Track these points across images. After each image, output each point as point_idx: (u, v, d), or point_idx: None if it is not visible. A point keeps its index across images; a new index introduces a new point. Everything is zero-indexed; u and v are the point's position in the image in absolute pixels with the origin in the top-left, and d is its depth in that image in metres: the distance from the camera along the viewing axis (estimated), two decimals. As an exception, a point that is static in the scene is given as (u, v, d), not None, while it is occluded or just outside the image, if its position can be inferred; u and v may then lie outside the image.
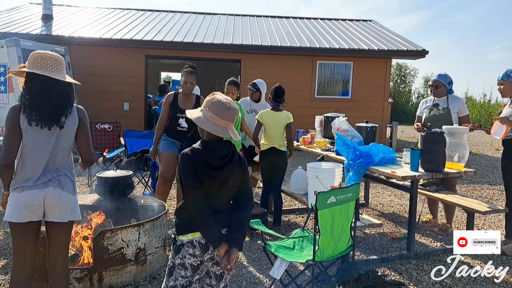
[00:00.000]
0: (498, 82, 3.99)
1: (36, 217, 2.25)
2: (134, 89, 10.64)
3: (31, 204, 2.21)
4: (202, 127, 1.99)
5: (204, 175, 1.93)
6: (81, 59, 9.93)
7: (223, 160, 1.97)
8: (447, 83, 4.45)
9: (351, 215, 2.81)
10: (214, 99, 1.99)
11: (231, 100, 2.03)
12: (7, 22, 11.23)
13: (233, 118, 2.01)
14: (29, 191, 2.21)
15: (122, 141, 6.39)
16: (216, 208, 1.98)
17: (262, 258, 3.74)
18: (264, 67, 10.62)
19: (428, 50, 11.24)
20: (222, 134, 1.96)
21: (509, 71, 3.89)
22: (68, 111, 2.28)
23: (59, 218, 2.27)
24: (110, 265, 3.04)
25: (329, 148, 4.87)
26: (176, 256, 2.01)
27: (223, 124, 1.96)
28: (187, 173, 1.94)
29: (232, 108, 1.99)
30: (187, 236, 1.98)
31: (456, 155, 3.84)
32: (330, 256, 2.74)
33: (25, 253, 2.32)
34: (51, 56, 2.26)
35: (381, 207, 5.67)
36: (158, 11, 14.60)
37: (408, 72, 26.45)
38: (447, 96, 4.47)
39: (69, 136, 2.32)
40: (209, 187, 1.95)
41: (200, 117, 1.98)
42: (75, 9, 14.02)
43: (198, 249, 1.98)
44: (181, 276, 2.00)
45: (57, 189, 2.25)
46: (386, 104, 11.50)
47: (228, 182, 2.00)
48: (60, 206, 2.26)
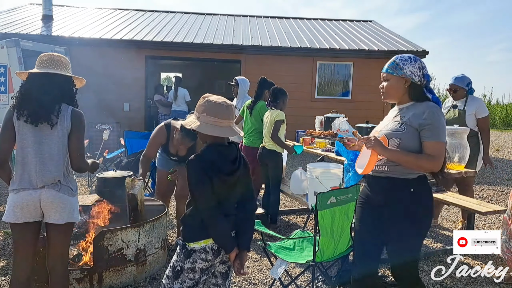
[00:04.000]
0: (382, 76, 2.36)
1: (33, 218, 2.25)
2: (134, 90, 10.63)
3: (27, 205, 2.21)
4: (208, 133, 1.92)
5: (216, 182, 1.89)
6: (81, 60, 9.92)
7: (234, 165, 1.95)
8: (465, 84, 4.38)
9: (351, 216, 2.81)
10: (209, 102, 1.93)
11: (223, 97, 2.00)
12: (7, 22, 11.24)
13: (232, 114, 1.98)
14: (24, 192, 2.21)
15: (122, 141, 6.39)
16: (225, 212, 1.95)
17: (262, 258, 3.74)
18: (264, 68, 10.61)
19: (428, 51, 11.24)
20: (229, 135, 1.93)
21: (399, 58, 2.26)
22: (56, 108, 2.23)
23: (55, 219, 2.26)
24: (110, 265, 3.04)
25: (329, 148, 4.87)
26: (186, 260, 1.96)
27: (227, 124, 1.93)
28: (199, 181, 1.88)
29: (229, 105, 1.96)
30: (199, 243, 1.93)
31: (457, 155, 3.84)
32: (330, 256, 2.74)
33: (25, 253, 2.31)
34: (47, 56, 2.31)
35: (381, 208, 5.66)
36: (158, 11, 14.60)
37: (408, 73, 26.40)
38: (467, 97, 4.41)
39: (60, 140, 2.25)
40: (220, 193, 1.91)
41: (200, 124, 1.92)
42: (75, 9, 14.02)
43: (210, 254, 1.94)
44: (189, 278, 1.97)
45: (51, 191, 2.23)
46: (386, 105, 11.50)
47: (237, 186, 1.98)
48: (56, 208, 2.25)
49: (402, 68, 2.20)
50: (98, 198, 3.83)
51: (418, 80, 2.19)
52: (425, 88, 2.22)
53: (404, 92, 2.23)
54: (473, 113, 4.32)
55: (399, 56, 2.25)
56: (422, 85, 2.21)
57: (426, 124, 2.09)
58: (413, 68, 2.18)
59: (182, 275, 1.98)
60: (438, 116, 2.11)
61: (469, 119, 4.32)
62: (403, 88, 2.22)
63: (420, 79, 2.20)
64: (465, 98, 4.40)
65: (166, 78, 22.24)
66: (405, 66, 2.20)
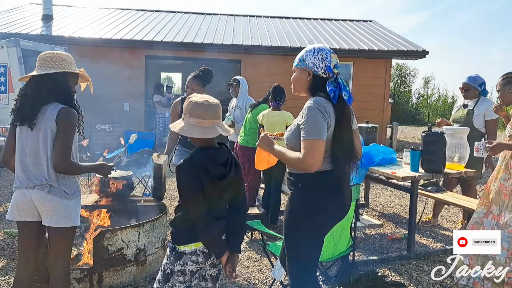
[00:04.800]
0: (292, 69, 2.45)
1: (29, 217, 2.24)
2: (134, 89, 10.63)
3: (21, 204, 2.22)
4: (190, 136, 1.88)
5: (207, 186, 1.84)
6: (81, 59, 9.90)
7: (226, 168, 1.90)
8: (478, 85, 4.34)
9: (351, 216, 2.81)
10: (191, 103, 1.89)
11: (207, 96, 1.93)
12: (7, 22, 11.24)
13: (217, 113, 1.91)
14: (18, 191, 2.23)
15: (122, 141, 6.39)
16: (216, 215, 1.92)
17: (262, 258, 3.74)
18: (264, 67, 10.61)
19: (428, 51, 11.25)
20: (212, 135, 1.87)
21: (305, 50, 2.20)
22: (38, 110, 2.17)
23: (48, 222, 2.23)
24: (110, 265, 3.04)
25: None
26: (176, 262, 1.93)
27: (210, 124, 1.87)
28: (189, 186, 1.84)
29: (211, 104, 1.88)
30: (189, 246, 1.91)
31: (457, 155, 3.84)
32: (330, 256, 2.74)
33: (26, 253, 2.32)
34: (42, 56, 2.28)
35: (381, 208, 5.67)
36: (158, 11, 14.61)
37: (408, 73, 26.46)
38: (479, 97, 4.36)
39: (43, 141, 2.18)
40: (211, 196, 1.88)
41: (183, 126, 1.87)
42: (75, 9, 14.03)
43: (201, 257, 1.92)
44: (179, 282, 1.94)
45: (41, 192, 2.18)
46: (386, 105, 11.50)
47: (228, 188, 1.94)
48: (47, 210, 2.20)
49: (305, 60, 2.11)
50: (98, 198, 3.83)
51: (322, 73, 2.07)
52: (333, 83, 2.06)
53: (308, 86, 2.14)
54: (482, 114, 4.27)
55: (307, 48, 2.15)
56: (328, 78, 2.08)
57: (302, 123, 2.00)
58: (315, 60, 2.07)
59: (172, 279, 1.95)
60: (309, 112, 1.99)
61: (476, 119, 4.28)
62: (306, 81, 2.13)
63: (323, 71, 2.07)
64: (477, 99, 4.37)
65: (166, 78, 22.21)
66: (307, 57, 2.10)
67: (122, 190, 3.74)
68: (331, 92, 2.04)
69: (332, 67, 2.08)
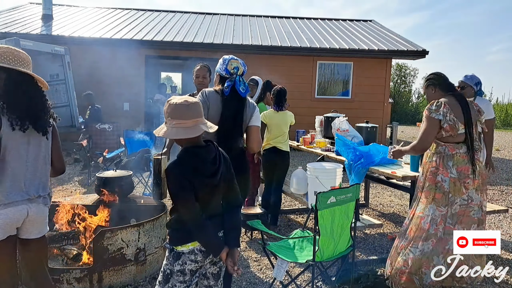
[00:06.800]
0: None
1: (13, 231, 2.07)
2: (134, 89, 10.63)
3: (16, 222, 2.05)
4: (175, 138, 1.87)
5: (199, 186, 1.85)
6: (81, 59, 9.92)
7: (215, 166, 1.91)
8: (474, 84, 4.36)
9: (351, 215, 2.81)
10: (171, 106, 1.89)
11: (185, 97, 1.94)
12: (7, 22, 11.24)
13: (198, 112, 1.90)
14: (13, 208, 2.00)
15: (122, 141, 6.39)
16: (211, 213, 1.92)
17: (262, 258, 3.74)
18: (264, 67, 10.61)
19: (428, 50, 11.25)
20: (196, 133, 1.86)
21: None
22: (46, 113, 2.10)
23: (34, 234, 2.14)
24: (110, 265, 3.04)
25: (329, 148, 4.87)
26: (175, 263, 1.93)
27: (192, 123, 1.86)
28: (180, 188, 1.83)
29: (191, 103, 1.88)
30: (187, 246, 1.91)
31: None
32: (330, 256, 2.74)
33: (10, 270, 2.12)
34: (13, 51, 2.05)
35: (381, 208, 5.67)
36: (158, 11, 14.61)
37: (408, 72, 26.49)
38: (474, 97, 4.36)
39: (48, 144, 2.14)
40: (204, 196, 1.88)
41: (167, 130, 1.86)
42: (75, 9, 14.02)
43: (200, 256, 1.93)
44: (180, 281, 1.95)
45: (40, 205, 2.11)
46: (386, 104, 11.50)
47: (220, 185, 1.94)
48: (39, 223, 2.14)
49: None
50: (98, 197, 3.83)
51: (225, 74, 2.63)
52: (229, 81, 2.59)
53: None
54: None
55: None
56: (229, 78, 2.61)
57: None
58: (219, 64, 2.67)
59: (172, 279, 1.95)
60: None
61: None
62: (218, 82, 2.69)
63: (224, 73, 2.64)
64: (473, 98, 4.37)
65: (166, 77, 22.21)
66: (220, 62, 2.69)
67: (122, 190, 3.75)
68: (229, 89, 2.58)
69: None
